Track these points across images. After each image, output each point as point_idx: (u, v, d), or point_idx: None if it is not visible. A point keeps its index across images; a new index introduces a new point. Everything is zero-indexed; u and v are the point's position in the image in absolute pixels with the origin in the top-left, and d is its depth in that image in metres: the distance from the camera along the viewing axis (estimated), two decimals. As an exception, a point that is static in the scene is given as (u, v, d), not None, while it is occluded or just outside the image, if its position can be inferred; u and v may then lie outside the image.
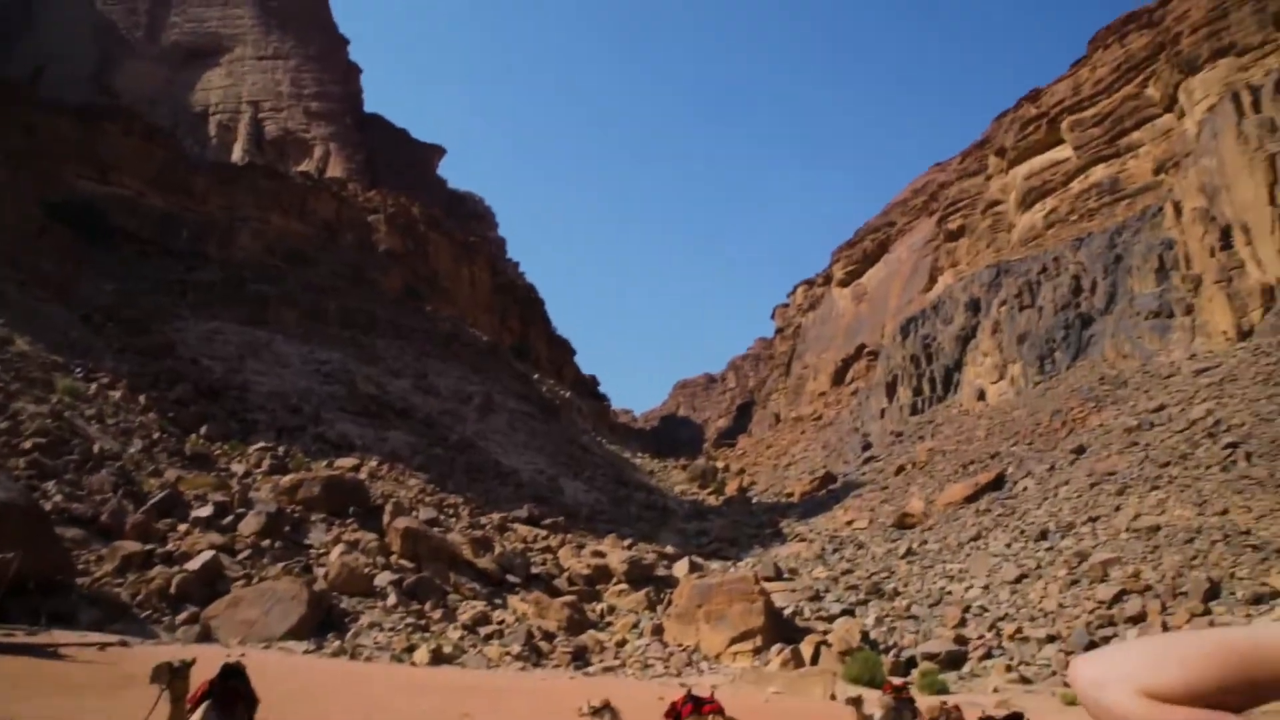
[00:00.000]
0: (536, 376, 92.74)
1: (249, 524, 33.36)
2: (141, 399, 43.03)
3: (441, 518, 41.50)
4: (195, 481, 36.36)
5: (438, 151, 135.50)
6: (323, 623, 28.67)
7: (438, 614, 31.25)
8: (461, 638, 29.89)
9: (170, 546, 30.33)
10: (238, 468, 41.14)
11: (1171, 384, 52.30)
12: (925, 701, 15.58)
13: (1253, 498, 35.77)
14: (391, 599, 31.20)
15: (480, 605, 33.01)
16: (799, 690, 24.54)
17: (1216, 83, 69.04)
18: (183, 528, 32.02)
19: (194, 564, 28.78)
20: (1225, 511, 35.06)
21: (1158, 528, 35.40)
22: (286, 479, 38.96)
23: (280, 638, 26.55)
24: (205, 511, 33.41)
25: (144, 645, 22.49)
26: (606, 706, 11.93)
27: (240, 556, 31.40)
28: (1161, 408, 49.14)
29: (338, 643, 27.37)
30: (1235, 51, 68.87)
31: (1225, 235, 58.80)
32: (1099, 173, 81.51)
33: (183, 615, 26.43)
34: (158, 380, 47.38)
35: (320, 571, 32.01)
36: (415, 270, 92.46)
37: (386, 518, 37.21)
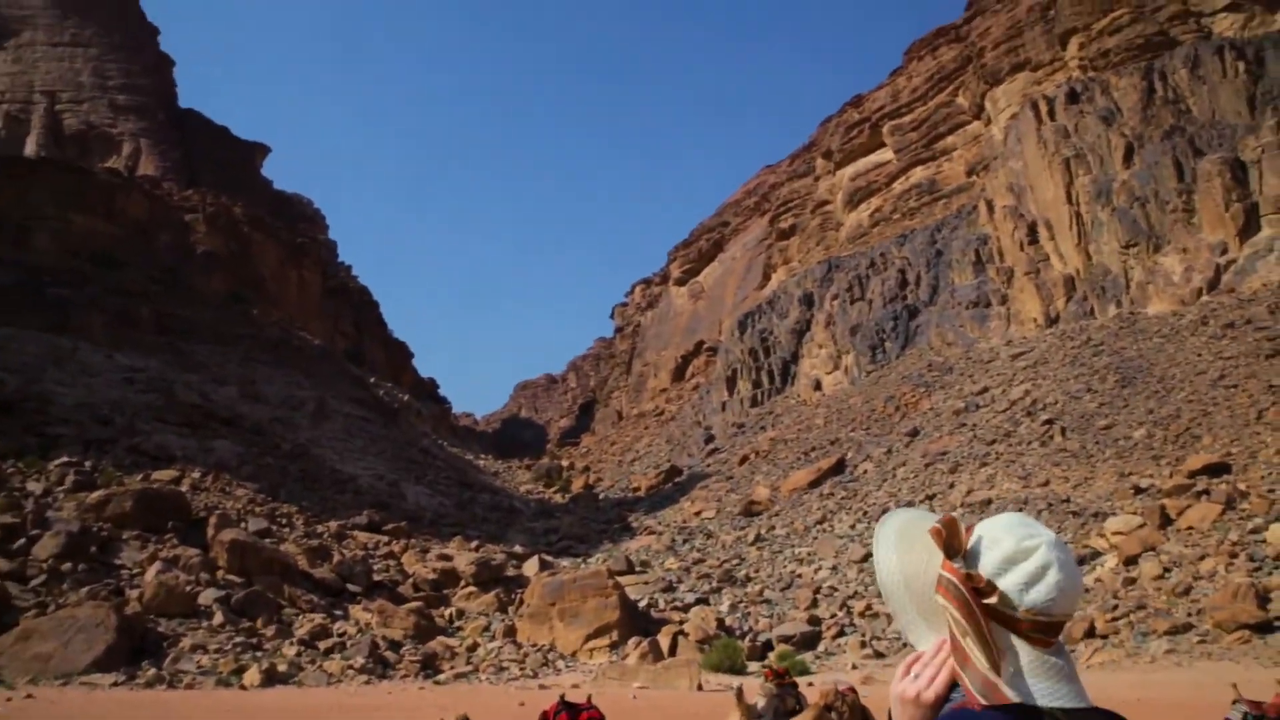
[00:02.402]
0: (373, 380, 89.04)
1: (45, 546, 29.81)
2: (-87, 414, 37.95)
3: (274, 528, 38.63)
4: (-22, 503, 32.25)
5: (261, 150, 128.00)
6: (136, 650, 25.84)
7: (271, 630, 28.87)
8: (298, 654, 27.70)
9: (-57, 577, 26.64)
10: (35, 486, 36.84)
11: (992, 368, 55.57)
12: (820, 686, 15.29)
13: (1069, 469, 38.25)
14: (218, 617, 28.60)
15: (319, 618, 30.80)
16: (664, 683, 23.98)
17: (1016, 93, 74.45)
18: (-41, 555, 28.24)
19: (-28, 594, 25.36)
20: (1047, 483, 37.29)
21: (989, 501, 37.24)
22: (94, 495, 35.20)
23: (82, 671, 23.65)
24: (-11, 536, 29.62)
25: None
26: None
27: (34, 584, 27.95)
28: (985, 390, 52.08)
29: (153, 671, 24.70)
30: (1030, 67, 74.60)
31: (1032, 231, 63.22)
32: (918, 174, 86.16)
33: (-43, 655, 23.11)
34: (-66, 393, 42.01)
35: (134, 594, 28.96)
36: (239, 273, 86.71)
37: (211, 530, 34.22)
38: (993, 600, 1.36)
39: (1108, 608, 25.85)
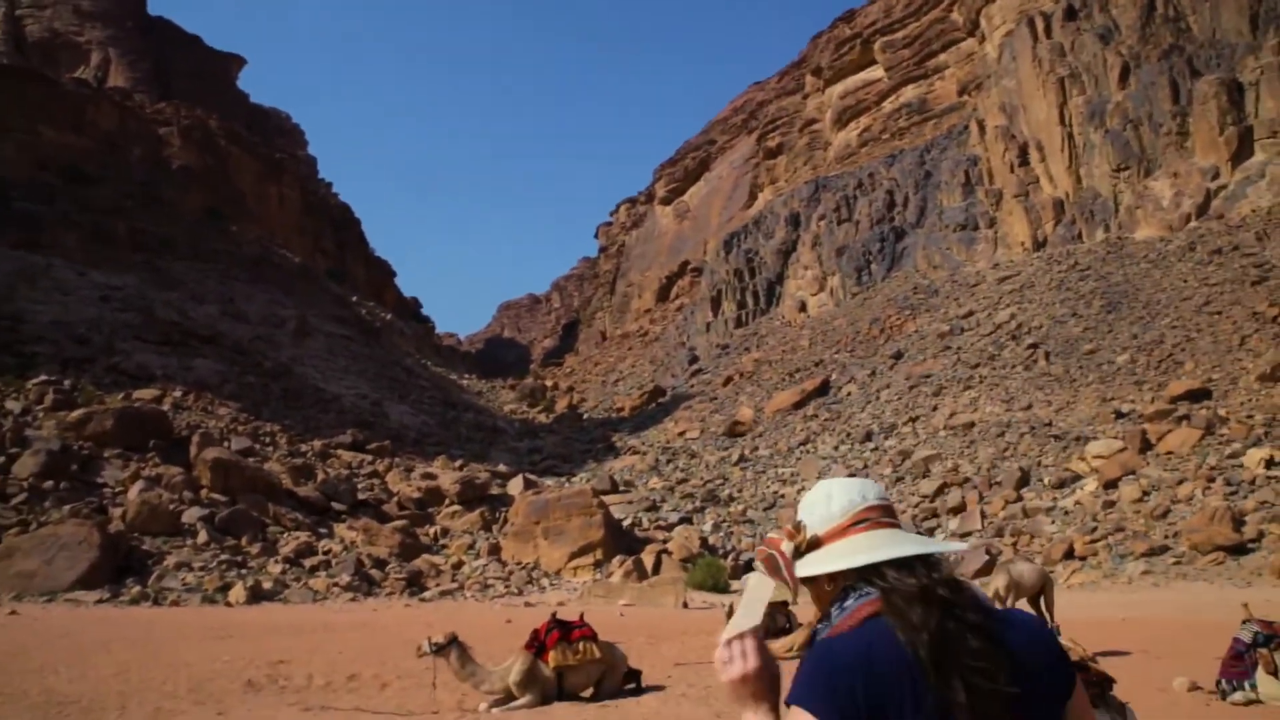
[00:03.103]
0: (355, 299, 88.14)
1: (25, 465, 29.54)
2: (-117, 330, 37.19)
3: (257, 447, 38.50)
4: (-45, 421, 31.83)
5: (237, 61, 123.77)
6: (121, 568, 25.81)
7: (256, 548, 28.93)
8: (284, 571, 27.81)
9: (-79, 497, 26.39)
10: (13, 405, 36.40)
11: (978, 291, 55.45)
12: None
13: (1052, 393, 38.46)
14: (202, 536, 28.59)
15: (304, 536, 30.88)
16: (650, 600, 24.25)
17: (1013, 10, 72.39)
18: (-63, 475, 27.97)
19: (-45, 512, 25.16)
20: (1030, 406, 37.50)
21: (972, 424, 37.48)
22: (74, 414, 34.81)
23: (67, 588, 23.63)
24: (-34, 455, 29.31)
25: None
26: (452, 641, 10.47)
27: (14, 502, 27.76)
28: (970, 314, 52.05)
29: (138, 588, 24.72)
30: (1029, -19, 72.36)
31: (1023, 152, 62.36)
32: (909, 93, 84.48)
33: (-61, 573, 23.00)
34: (-97, 309, 41.13)
35: (116, 512, 28.86)
36: (216, 189, 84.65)
37: (194, 449, 34.00)
38: (804, 535, 1.56)
39: (1087, 530, 26.21)
